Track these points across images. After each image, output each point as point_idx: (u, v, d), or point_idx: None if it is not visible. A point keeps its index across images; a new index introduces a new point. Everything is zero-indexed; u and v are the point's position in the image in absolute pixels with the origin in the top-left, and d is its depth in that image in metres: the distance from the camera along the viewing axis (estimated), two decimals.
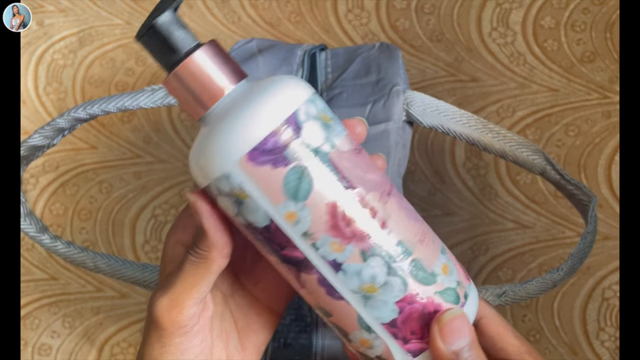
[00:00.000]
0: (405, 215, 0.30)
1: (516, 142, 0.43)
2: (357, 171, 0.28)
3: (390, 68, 0.45)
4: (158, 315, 0.31)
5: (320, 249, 0.28)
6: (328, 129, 0.28)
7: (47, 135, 0.45)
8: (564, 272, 0.42)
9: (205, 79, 0.28)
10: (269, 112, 0.27)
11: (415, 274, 0.29)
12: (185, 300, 0.30)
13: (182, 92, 0.29)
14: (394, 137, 0.42)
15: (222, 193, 0.28)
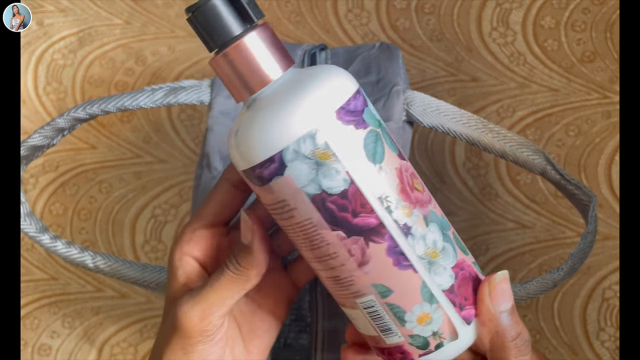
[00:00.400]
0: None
1: (516, 142, 0.43)
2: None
3: (390, 68, 0.45)
4: (188, 325, 0.31)
5: (394, 212, 0.29)
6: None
7: (47, 135, 0.45)
8: (564, 272, 0.42)
9: (254, 63, 0.28)
10: (347, 79, 0.29)
11: (458, 243, 0.32)
12: (217, 311, 0.31)
13: (230, 74, 0.28)
14: (394, 137, 0.42)
15: (298, 158, 0.28)
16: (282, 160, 0.28)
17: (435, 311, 0.31)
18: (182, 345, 0.32)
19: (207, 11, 0.28)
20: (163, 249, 0.61)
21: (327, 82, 0.28)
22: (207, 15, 0.28)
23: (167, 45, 0.63)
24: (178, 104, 0.45)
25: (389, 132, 0.30)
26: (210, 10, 0.28)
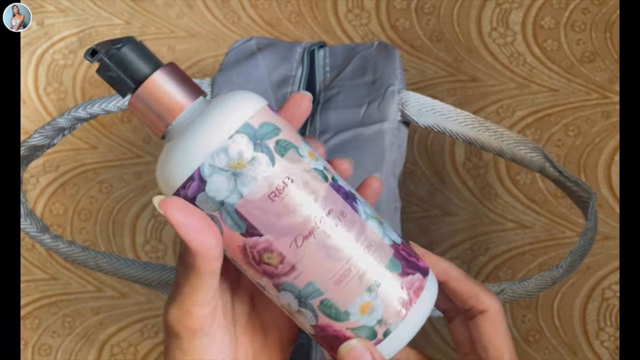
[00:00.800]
0: (326, 255, 0.31)
1: (514, 140, 0.43)
2: (268, 218, 0.30)
3: (387, 68, 0.45)
4: (172, 325, 0.31)
5: (246, 273, 0.31)
6: (238, 178, 0.30)
7: (48, 134, 0.45)
8: (563, 269, 0.42)
9: (165, 97, 0.30)
10: (180, 165, 0.30)
11: (325, 311, 0.31)
12: (191, 306, 0.31)
13: (145, 111, 0.31)
14: (389, 137, 0.42)
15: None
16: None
17: None
18: (178, 346, 0.32)
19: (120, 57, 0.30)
20: (163, 248, 0.61)
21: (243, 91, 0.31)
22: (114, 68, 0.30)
23: (167, 45, 0.63)
24: None
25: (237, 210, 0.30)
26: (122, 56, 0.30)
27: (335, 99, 0.44)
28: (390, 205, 0.42)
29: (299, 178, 0.30)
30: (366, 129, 0.42)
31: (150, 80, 0.30)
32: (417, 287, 0.32)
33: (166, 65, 0.31)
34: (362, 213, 0.32)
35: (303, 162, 0.31)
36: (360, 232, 0.31)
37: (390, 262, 0.32)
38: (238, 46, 0.48)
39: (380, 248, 0.32)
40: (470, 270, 0.58)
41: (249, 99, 0.31)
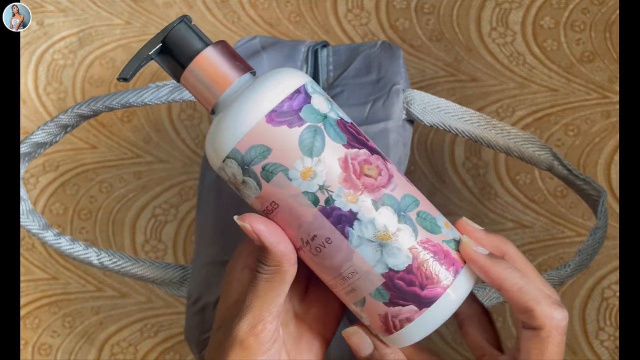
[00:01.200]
0: (405, 179, 0.33)
1: (521, 138, 0.43)
2: (360, 137, 0.32)
3: (391, 67, 0.45)
4: (243, 337, 0.31)
5: (337, 201, 0.31)
6: (331, 104, 0.32)
7: (51, 132, 0.45)
8: (571, 268, 0.42)
9: (213, 71, 0.32)
10: (283, 83, 0.31)
11: (423, 224, 0.32)
12: (266, 316, 0.31)
13: (196, 86, 0.33)
14: (394, 136, 0.42)
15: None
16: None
17: None
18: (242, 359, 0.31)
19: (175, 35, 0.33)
20: (163, 248, 0.61)
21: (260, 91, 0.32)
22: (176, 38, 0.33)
23: None
24: (183, 100, 0.45)
25: (341, 123, 0.32)
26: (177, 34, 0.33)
27: (340, 97, 0.44)
28: None
29: (285, 204, 0.31)
30: (371, 127, 0.42)
31: (202, 56, 0.32)
32: (405, 318, 0.32)
33: (217, 42, 0.33)
34: (354, 239, 0.31)
35: (290, 187, 0.31)
36: (345, 260, 0.31)
37: (376, 292, 0.32)
38: (242, 45, 0.48)
39: (365, 278, 0.31)
40: None
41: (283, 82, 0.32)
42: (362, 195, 0.31)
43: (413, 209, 0.32)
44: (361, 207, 0.31)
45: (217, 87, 0.32)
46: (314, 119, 0.31)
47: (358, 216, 0.31)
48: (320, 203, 0.31)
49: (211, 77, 0.32)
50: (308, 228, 0.31)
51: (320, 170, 0.31)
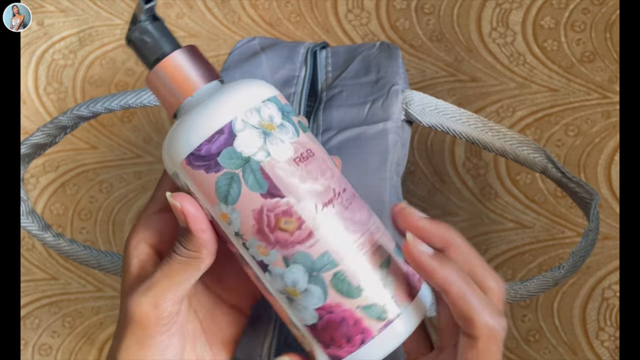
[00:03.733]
0: (343, 226, 0.30)
1: (517, 141, 0.43)
2: (291, 180, 0.30)
3: (390, 67, 0.45)
4: (141, 314, 0.30)
5: (250, 250, 0.30)
6: (268, 137, 0.30)
7: (50, 132, 0.45)
8: (565, 270, 0.42)
9: (178, 76, 0.31)
10: (208, 120, 0.30)
11: (337, 286, 0.30)
12: (171, 298, 0.30)
13: (160, 88, 0.32)
14: (393, 136, 0.42)
15: None
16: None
17: (303, 337, 0.32)
18: (137, 339, 0.30)
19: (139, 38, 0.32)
20: None
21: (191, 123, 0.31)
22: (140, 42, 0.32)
23: None
24: None
25: (267, 166, 0.30)
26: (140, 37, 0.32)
27: (338, 97, 0.44)
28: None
29: (319, 153, 0.31)
30: (370, 128, 0.42)
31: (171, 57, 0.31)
32: (419, 279, 0.32)
33: (187, 46, 0.32)
34: (267, 284, 0.31)
35: (318, 142, 0.32)
36: (369, 215, 0.32)
37: (396, 249, 0.32)
38: (241, 46, 0.48)
39: (386, 235, 0.32)
40: None
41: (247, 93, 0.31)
42: (273, 249, 0.30)
43: (329, 269, 0.30)
44: (271, 261, 0.30)
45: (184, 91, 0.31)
46: (232, 164, 0.30)
47: (269, 268, 0.30)
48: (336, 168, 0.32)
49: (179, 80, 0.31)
50: (337, 180, 0.32)
51: (234, 218, 0.30)
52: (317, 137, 0.43)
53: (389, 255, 0.31)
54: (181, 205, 0.30)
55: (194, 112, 0.30)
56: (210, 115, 0.30)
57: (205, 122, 0.30)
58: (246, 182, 0.30)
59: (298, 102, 0.45)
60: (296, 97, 0.45)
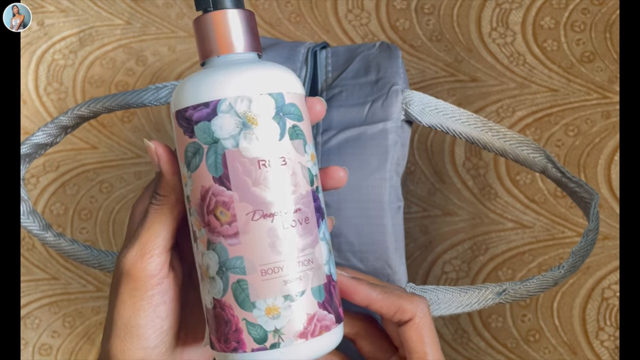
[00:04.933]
0: (268, 243, 0.31)
1: (516, 141, 0.43)
2: (245, 178, 0.31)
3: (390, 68, 0.45)
4: (129, 267, 0.32)
5: (190, 217, 0.32)
6: (245, 130, 0.31)
7: (51, 132, 0.45)
8: (565, 269, 0.42)
9: (229, 32, 0.32)
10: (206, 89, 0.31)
11: (236, 291, 0.31)
12: (153, 247, 0.32)
13: (208, 33, 0.33)
14: (393, 136, 0.42)
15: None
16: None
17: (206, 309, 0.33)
18: (130, 293, 0.32)
19: None
20: None
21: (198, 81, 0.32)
22: None
23: (168, 45, 0.63)
24: None
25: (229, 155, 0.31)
26: None
27: (338, 97, 0.44)
28: (393, 205, 0.42)
29: (292, 165, 0.31)
30: (370, 128, 0.42)
31: (226, 12, 0.32)
32: (325, 325, 0.32)
33: (246, 10, 0.33)
34: (321, 232, 0.32)
35: (303, 157, 0.32)
36: (310, 245, 0.31)
37: (317, 289, 0.32)
38: None
39: (317, 271, 0.32)
40: (470, 270, 0.58)
41: (296, 80, 0.33)
42: (203, 229, 0.31)
43: (237, 273, 0.31)
44: (199, 237, 0.32)
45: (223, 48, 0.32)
46: (202, 138, 0.31)
47: (197, 241, 0.32)
48: (314, 185, 0.32)
49: (224, 35, 0.32)
50: (298, 199, 0.32)
51: (189, 183, 0.31)
52: (317, 137, 0.43)
53: (302, 291, 0.31)
54: (155, 147, 0.32)
55: (205, 73, 0.31)
56: (209, 85, 0.31)
57: (202, 89, 0.31)
58: (207, 159, 0.31)
59: None
60: None
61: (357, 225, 0.41)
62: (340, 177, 0.35)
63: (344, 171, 0.35)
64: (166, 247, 0.32)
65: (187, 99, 0.31)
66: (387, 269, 0.42)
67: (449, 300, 0.42)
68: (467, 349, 0.58)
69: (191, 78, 0.32)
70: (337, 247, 0.42)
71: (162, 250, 0.32)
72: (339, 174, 0.35)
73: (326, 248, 0.32)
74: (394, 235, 0.41)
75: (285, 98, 0.31)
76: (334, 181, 0.35)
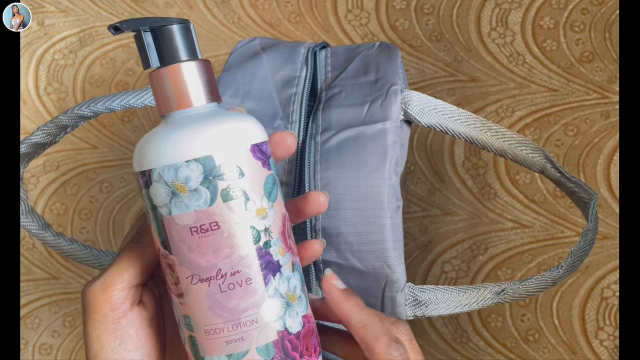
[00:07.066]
0: (208, 306, 0.32)
1: (516, 141, 0.43)
2: (180, 244, 0.31)
3: (389, 68, 0.45)
4: (91, 298, 0.32)
5: (272, 248, 0.32)
6: (175, 198, 0.31)
7: (50, 132, 0.45)
8: (564, 269, 0.42)
9: (186, 86, 0.32)
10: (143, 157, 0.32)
11: (190, 344, 0.32)
12: (117, 282, 0.32)
13: (164, 88, 0.32)
14: (392, 136, 0.42)
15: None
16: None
17: None
18: (94, 325, 0.32)
19: (166, 33, 0.32)
20: None
21: (246, 121, 0.32)
22: (167, 36, 0.32)
23: None
24: None
25: (163, 222, 0.32)
26: (169, 33, 0.32)
27: (338, 97, 0.44)
28: (392, 205, 0.42)
29: (228, 229, 0.31)
30: (369, 128, 0.42)
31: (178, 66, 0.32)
32: None
33: (200, 60, 0.32)
34: (271, 289, 0.32)
35: (243, 216, 0.31)
36: (254, 306, 0.32)
37: (265, 347, 0.32)
38: (242, 46, 0.48)
39: (263, 330, 0.32)
40: (469, 270, 0.58)
41: (246, 132, 0.32)
42: (288, 253, 0.32)
43: (189, 329, 0.32)
44: (285, 263, 0.32)
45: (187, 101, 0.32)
46: (147, 204, 0.32)
47: (282, 270, 0.32)
48: (259, 243, 0.31)
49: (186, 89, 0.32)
50: (236, 261, 0.31)
51: (270, 214, 0.32)
52: (317, 137, 0.43)
53: (246, 351, 0.32)
54: None
55: (145, 140, 0.32)
56: (145, 155, 0.31)
57: (141, 158, 0.32)
58: (154, 224, 0.32)
59: (299, 103, 0.45)
60: (297, 98, 0.45)
61: (356, 225, 0.41)
62: (321, 202, 0.35)
63: (324, 196, 0.35)
64: (131, 283, 0.33)
65: (134, 165, 0.32)
66: (386, 269, 0.42)
67: (449, 300, 0.42)
68: (466, 348, 0.58)
69: (139, 144, 0.32)
70: (337, 247, 0.42)
71: (126, 285, 0.32)
72: (319, 199, 0.35)
73: (279, 303, 0.32)
74: (393, 235, 0.41)
75: (215, 160, 0.31)
76: (316, 206, 0.35)
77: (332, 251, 0.42)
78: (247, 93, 0.45)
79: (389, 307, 0.43)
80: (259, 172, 0.32)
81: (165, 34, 0.32)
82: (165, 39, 0.32)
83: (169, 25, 0.32)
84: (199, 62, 0.32)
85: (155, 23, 0.32)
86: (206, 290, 0.31)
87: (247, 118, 0.33)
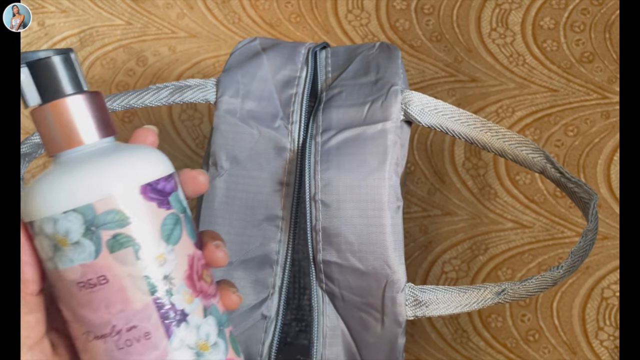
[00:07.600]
0: None
1: (516, 141, 0.43)
2: (70, 300, 0.29)
3: (389, 68, 0.45)
4: None
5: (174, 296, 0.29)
6: (57, 252, 0.29)
7: None
8: (564, 269, 0.42)
9: (73, 123, 0.29)
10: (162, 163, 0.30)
11: (233, 344, 0.31)
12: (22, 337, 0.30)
13: (49, 126, 0.30)
14: (392, 136, 0.42)
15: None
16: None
17: None
18: None
19: (44, 65, 0.29)
20: None
21: (138, 158, 0.29)
22: (45, 69, 0.29)
23: (168, 45, 0.63)
24: (184, 102, 0.45)
25: (192, 222, 0.30)
26: (49, 65, 0.29)
27: (337, 97, 0.44)
28: (392, 205, 0.42)
29: (118, 281, 0.28)
30: (369, 128, 0.42)
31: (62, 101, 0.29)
32: None
33: (88, 93, 0.30)
34: (175, 341, 0.29)
35: (134, 266, 0.28)
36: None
37: None
38: (242, 46, 0.48)
39: None
40: (470, 270, 0.59)
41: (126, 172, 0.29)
42: (196, 298, 0.30)
43: (227, 326, 0.31)
44: (193, 310, 0.29)
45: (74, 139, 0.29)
46: (178, 207, 0.29)
47: (187, 318, 0.29)
48: (157, 293, 0.29)
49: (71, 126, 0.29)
50: (131, 315, 0.28)
51: (170, 259, 0.29)
52: (317, 137, 0.43)
53: None
54: None
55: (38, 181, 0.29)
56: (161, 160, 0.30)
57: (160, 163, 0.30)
58: (186, 228, 0.30)
59: (300, 103, 0.45)
60: (298, 98, 0.45)
61: (356, 225, 0.41)
62: (202, 181, 0.32)
63: (204, 176, 0.32)
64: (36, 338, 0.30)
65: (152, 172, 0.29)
66: (386, 269, 0.42)
67: (449, 300, 0.42)
68: (466, 348, 0.58)
69: (23, 192, 0.30)
70: (337, 247, 0.42)
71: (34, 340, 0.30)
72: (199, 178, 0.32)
73: (188, 355, 0.29)
74: (393, 235, 0.41)
75: (95, 209, 0.28)
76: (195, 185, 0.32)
77: (332, 251, 0.42)
78: (247, 93, 0.45)
79: (389, 307, 0.43)
80: (152, 215, 0.29)
81: (43, 66, 0.29)
82: (44, 73, 0.29)
83: (47, 58, 0.29)
84: (85, 95, 0.29)
85: (31, 57, 0.30)
86: (103, 347, 0.29)
87: (141, 153, 0.30)
